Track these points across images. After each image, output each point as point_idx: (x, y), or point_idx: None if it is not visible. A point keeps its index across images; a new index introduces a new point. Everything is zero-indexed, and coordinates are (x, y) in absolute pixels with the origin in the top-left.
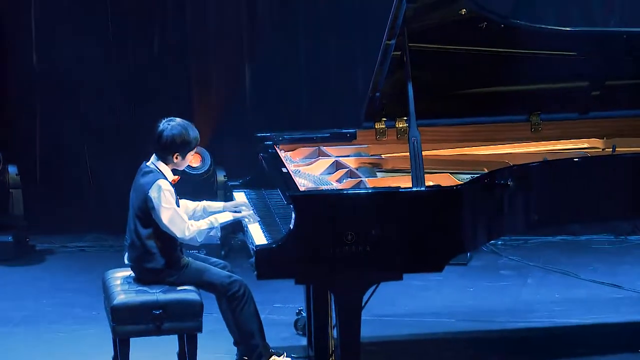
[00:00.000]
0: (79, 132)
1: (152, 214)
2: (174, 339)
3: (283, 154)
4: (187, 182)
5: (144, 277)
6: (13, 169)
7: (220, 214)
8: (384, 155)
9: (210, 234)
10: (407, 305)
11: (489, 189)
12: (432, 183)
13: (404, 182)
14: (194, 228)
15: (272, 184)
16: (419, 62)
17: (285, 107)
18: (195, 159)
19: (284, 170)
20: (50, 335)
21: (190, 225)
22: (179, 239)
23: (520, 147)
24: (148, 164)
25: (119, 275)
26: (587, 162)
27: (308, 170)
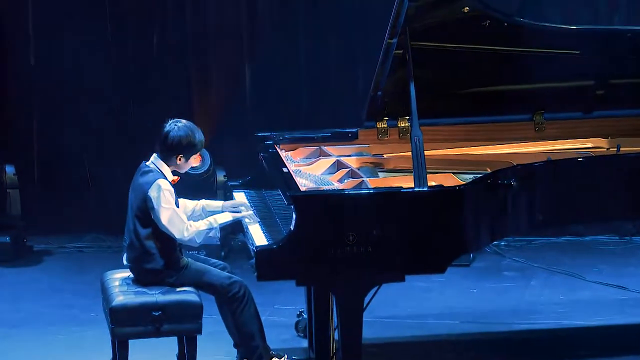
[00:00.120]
0: (78, 131)
1: (151, 214)
2: (174, 341)
3: (284, 154)
4: (186, 182)
5: (143, 278)
6: (10, 169)
7: (220, 215)
8: (386, 155)
9: (210, 235)
10: (409, 307)
11: (492, 189)
12: (434, 183)
13: (406, 182)
14: (193, 229)
15: (272, 184)
16: (421, 60)
17: (286, 106)
18: (195, 159)
19: (285, 170)
20: (48, 338)
21: (189, 226)
22: (178, 240)
23: (524, 146)
24: (148, 164)
25: (118, 277)
26: (591, 162)
27: (309, 170)
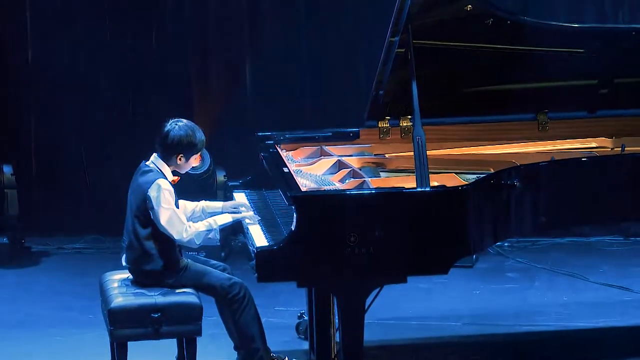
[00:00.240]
0: (76, 131)
1: (150, 214)
2: (173, 343)
3: (284, 154)
4: (186, 182)
5: (142, 279)
6: (8, 169)
7: (219, 216)
8: (388, 155)
9: (209, 236)
10: (411, 309)
11: (496, 190)
12: (437, 183)
13: (408, 182)
14: (192, 230)
15: (273, 184)
16: (424, 59)
17: (287, 105)
18: (196, 159)
19: (286, 170)
20: (46, 340)
21: (189, 227)
22: (177, 241)
23: (527, 146)
24: (148, 163)
25: (117, 278)
26: (595, 162)
27: (310, 170)
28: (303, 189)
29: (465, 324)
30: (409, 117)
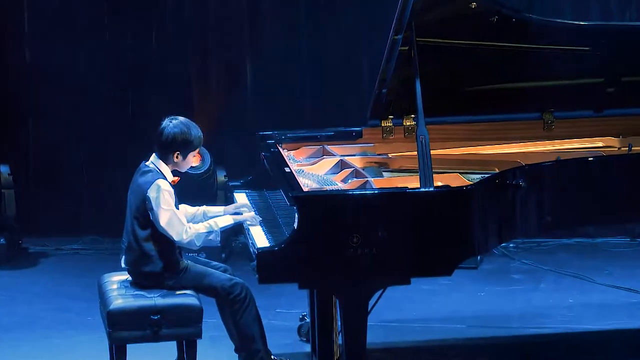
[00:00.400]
0: (75, 131)
1: (150, 215)
2: (173, 346)
3: (286, 153)
4: (186, 182)
5: (142, 281)
6: (5, 169)
7: (220, 218)
8: (391, 155)
9: (210, 238)
10: (415, 311)
11: (500, 190)
12: (440, 183)
13: (412, 182)
14: (192, 231)
15: (274, 185)
16: (427, 57)
17: (288, 105)
18: (195, 158)
19: (287, 170)
20: (44, 342)
21: (189, 228)
22: (177, 242)
23: (533, 146)
24: (147, 164)
25: (116, 279)
26: (602, 161)
27: (312, 170)
28: (305, 189)
29: (470, 326)
30: (412, 116)
